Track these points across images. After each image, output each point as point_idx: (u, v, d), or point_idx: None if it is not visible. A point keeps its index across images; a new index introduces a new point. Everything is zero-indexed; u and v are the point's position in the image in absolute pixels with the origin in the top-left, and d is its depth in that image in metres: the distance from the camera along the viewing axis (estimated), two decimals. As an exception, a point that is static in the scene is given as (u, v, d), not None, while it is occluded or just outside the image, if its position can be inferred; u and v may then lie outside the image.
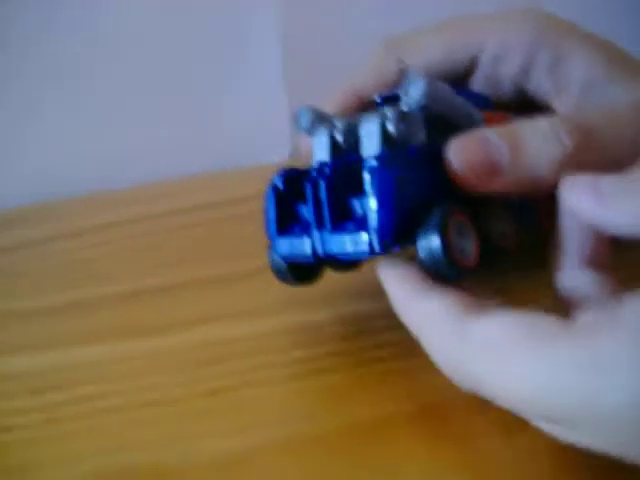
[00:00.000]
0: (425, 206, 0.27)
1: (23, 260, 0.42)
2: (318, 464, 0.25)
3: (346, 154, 0.29)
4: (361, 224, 0.27)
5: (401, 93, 0.28)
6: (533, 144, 0.26)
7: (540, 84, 0.34)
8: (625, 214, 0.23)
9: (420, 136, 0.28)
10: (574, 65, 0.33)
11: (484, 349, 0.22)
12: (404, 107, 0.28)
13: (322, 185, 0.27)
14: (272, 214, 0.29)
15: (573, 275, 0.26)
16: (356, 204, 0.27)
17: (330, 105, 0.33)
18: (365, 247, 0.26)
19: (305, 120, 0.30)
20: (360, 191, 0.27)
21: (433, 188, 0.27)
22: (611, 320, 0.21)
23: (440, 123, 0.29)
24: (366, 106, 0.33)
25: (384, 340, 0.30)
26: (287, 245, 0.29)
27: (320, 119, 0.30)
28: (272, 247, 0.30)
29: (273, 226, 0.29)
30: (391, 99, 0.31)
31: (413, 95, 0.28)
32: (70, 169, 0.52)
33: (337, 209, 0.27)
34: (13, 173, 0.52)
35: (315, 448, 0.25)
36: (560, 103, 0.34)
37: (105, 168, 0.53)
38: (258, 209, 0.42)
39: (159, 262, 0.39)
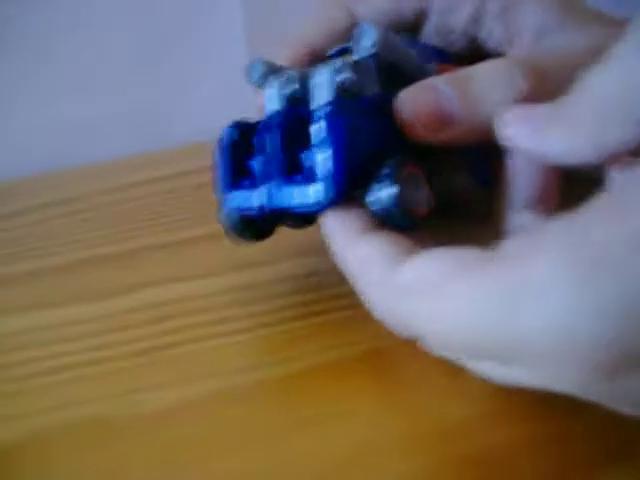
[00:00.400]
0: (378, 157, 0.26)
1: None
2: (258, 412, 0.25)
3: (298, 106, 0.28)
4: (311, 175, 0.26)
5: (353, 43, 0.28)
6: (485, 90, 0.26)
7: (491, 32, 0.33)
8: (560, 141, 0.22)
9: (373, 87, 0.27)
10: (526, 12, 0.32)
11: (412, 288, 0.22)
12: (355, 57, 0.28)
13: (274, 135, 0.27)
14: (224, 167, 0.28)
15: (520, 216, 0.25)
16: (307, 156, 0.27)
17: (281, 59, 0.32)
18: (314, 199, 0.25)
19: (257, 73, 0.29)
20: (311, 143, 0.26)
21: (386, 139, 0.27)
22: (532, 244, 0.20)
23: (393, 74, 0.28)
24: (318, 59, 0.32)
25: (328, 295, 0.30)
26: (237, 199, 0.28)
27: (272, 72, 0.29)
28: (223, 203, 0.29)
29: (226, 180, 0.28)
30: (345, 52, 0.31)
31: (364, 44, 0.27)
32: (30, 146, 0.53)
33: (288, 161, 0.27)
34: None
35: (256, 397, 0.26)
36: (512, 51, 0.33)
37: (67, 143, 0.53)
38: (204, 182, 0.43)
39: (110, 232, 0.40)
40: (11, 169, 0.50)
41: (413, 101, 0.26)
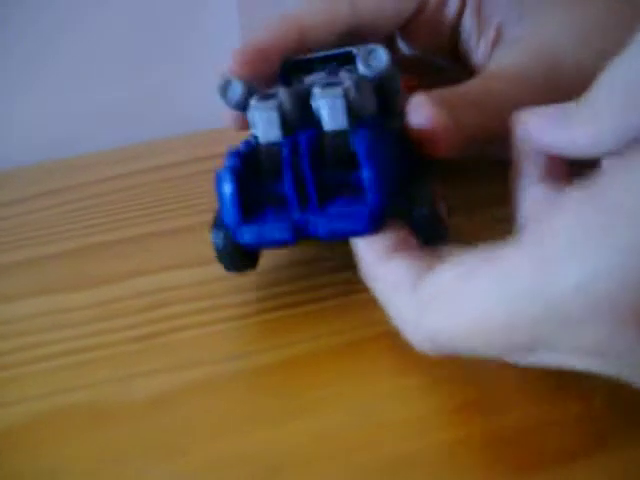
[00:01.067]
0: (400, 176, 0.27)
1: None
2: (248, 399, 0.26)
3: (299, 128, 0.28)
4: (353, 200, 0.26)
5: (359, 62, 0.28)
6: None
7: (466, 26, 0.34)
8: (586, 134, 0.23)
9: (373, 106, 0.28)
10: (493, 6, 0.34)
11: (435, 296, 0.22)
12: (361, 76, 0.28)
13: (304, 160, 0.26)
14: (234, 199, 0.27)
15: (533, 190, 0.25)
16: (338, 178, 0.27)
17: (267, 32, 0.32)
18: (362, 224, 0.26)
19: (236, 94, 0.29)
20: (345, 165, 0.26)
21: (399, 158, 0.28)
22: (550, 212, 0.20)
23: (381, 91, 0.29)
24: (304, 48, 0.32)
25: (318, 283, 0.31)
26: (256, 233, 0.27)
27: (251, 92, 0.29)
28: (232, 234, 0.28)
29: (236, 213, 0.27)
30: (327, 59, 0.31)
31: (375, 66, 0.28)
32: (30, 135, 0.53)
33: (321, 185, 0.26)
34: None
35: (246, 384, 0.26)
36: (478, 47, 0.34)
37: (65, 134, 0.53)
38: (209, 169, 0.43)
39: (105, 221, 0.40)
40: (10, 158, 0.50)
41: (426, 120, 0.28)
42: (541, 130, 0.25)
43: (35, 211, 0.43)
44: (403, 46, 0.38)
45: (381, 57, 0.28)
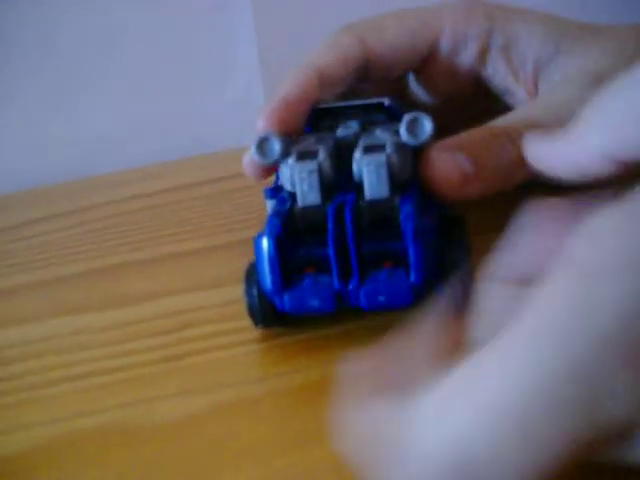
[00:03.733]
0: (439, 243, 0.27)
1: (5, 242, 0.43)
2: (275, 422, 0.25)
3: (338, 188, 0.28)
4: (396, 272, 0.26)
5: (402, 129, 0.28)
6: (491, 156, 0.29)
7: (496, 68, 0.35)
8: (569, 154, 0.24)
9: (410, 171, 0.28)
10: (525, 45, 0.34)
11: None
12: (402, 143, 0.28)
13: (349, 234, 0.26)
14: (274, 266, 0.26)
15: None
16: (380, 246, 0.27)
17: (290, 84, 0.32)
18: (406, 299, 0.26)
19: (274, 151, 0.28)
20: (386, 233, 0.26)
21: (437, 223, 0.28)
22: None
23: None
24: (326, 86, 0.32)
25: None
26: (296, 300, 0.27)
27: (288, 147, 0.28)
28: (271, 299, 0.27)
29: (276, 280, 0.27)
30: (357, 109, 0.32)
31: (420, 134, 0.27)
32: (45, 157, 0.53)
33: (362, 254, 0.26)
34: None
35: (272, 406, 0.26)
36: (518, 83, 0.34)
37: (82, 155, 0.54)
38: (229, 189, 0.44)
39: (129, 240, 0.40)
40: (29, 180, 0.51)
41: (442, 168, 0.28)
42: (536, 153, 0.26)
43: (57, 231, 0.43)
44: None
45: (425, 127, 0.27)
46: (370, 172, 0.27)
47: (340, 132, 0.30)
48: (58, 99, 0.53)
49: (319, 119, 0.32)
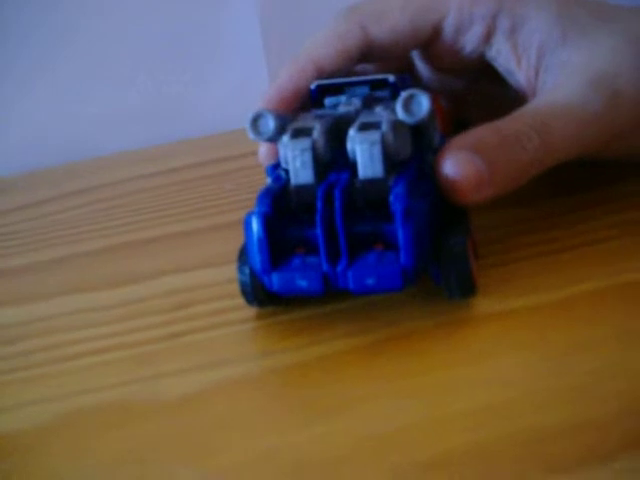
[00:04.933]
0: (434, 227, 0.27)
1: (13, 223, 0.44)
2: (278, 397, 0.26)
3: (332, 166, 0.27)
4: (386, 255, 0.26)
5: (398, 106, 0.27)
6: (507, 157, 0.29)
7: (500, 51, 0.34)
8: None
9: (408, 150, 0.27)
10: (531, 30, 0.33)
11: None
12: (399, 121, 0.27)
13: (338, 215, 0.26)
14: (262, 246, 0.26)
15: None
16: (371, 228, 0.26)
17: (286, 74, 0.32)
18: (394, 283, 0.25)
19: (268, 128, 0.28)
20: (378, 212, 0.26)
21: (434, 206, 0.28)
22: None
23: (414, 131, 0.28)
24: (324, 76, 0.32)
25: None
26: (285, 281, 0.26)
27: (283, 125, 0.28)
28: (260, 278, 0.27)
29: (265, 260, 0.26)
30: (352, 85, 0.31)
31: (415, 112, 0.27)
32: (54, 138, 0.54)
33: (352, 236, 0.26)
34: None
35: (275, 382, 0.26)
36: (520, 70, 0.34)
37: (87, 136, 0.54)
38: (232, 169, 0.44)
39: (132, 220, 0.41)
40: (33, 161, 0.51)
41: (456, 171, 0.28)
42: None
43: (62, 211, 0.43)
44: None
45: (422, 104, 0.27)
46: (363, 151, 0.26)
47: (341, 109, 0.30)
48: (60, 79, 0.53)
49: (323, 95, 0.32)
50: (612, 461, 0.20)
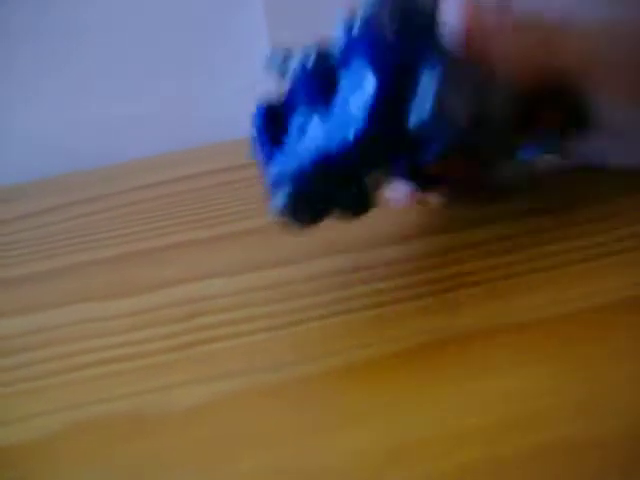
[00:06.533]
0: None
1: (18, 231, 0.44)
2: (291, 409, 0.25)
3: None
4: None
5: None
6: None
7: None
8: None
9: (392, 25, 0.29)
10: None
11: None
12: None
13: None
14: (263, 132, 0.29)
15: None
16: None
17: None
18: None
19: (277, 58, 0.29)
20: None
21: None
22: None
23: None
24: None
25: (355, 293, 0.31)
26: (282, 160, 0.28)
27: (291, 56, 0.29)
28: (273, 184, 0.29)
29: (266, 146, 0.29)
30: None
31: None
32: (63, 146, 0.54)
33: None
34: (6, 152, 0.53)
35: (289, 393, 0.26)
36: None
37: (96, 144, 0.54)
38: (246, 177, 0.44)
39: (139, 230, 0.41)
40: (44, 169, 0.51)
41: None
42: None
43: (72, 219, 0.43)
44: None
45: None
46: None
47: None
48: (68, 85, 0.53)
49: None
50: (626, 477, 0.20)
